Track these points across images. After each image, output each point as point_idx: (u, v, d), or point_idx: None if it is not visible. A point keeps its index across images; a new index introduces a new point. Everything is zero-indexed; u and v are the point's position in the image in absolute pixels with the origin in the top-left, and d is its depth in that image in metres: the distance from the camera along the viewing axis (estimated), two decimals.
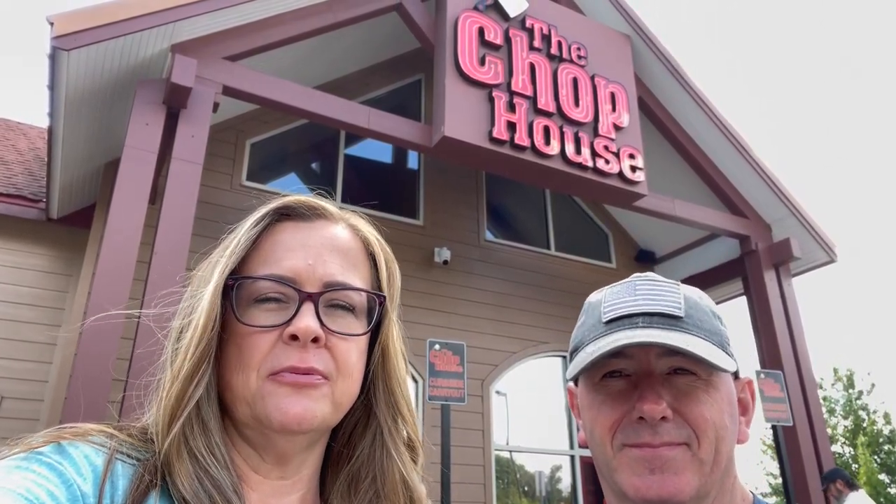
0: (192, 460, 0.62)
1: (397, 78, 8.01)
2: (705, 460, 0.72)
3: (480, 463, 6.72)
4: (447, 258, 7.24)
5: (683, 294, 0.79)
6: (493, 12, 6.35)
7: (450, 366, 4.98)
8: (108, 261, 4.21)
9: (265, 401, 0.64)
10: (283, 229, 0.71)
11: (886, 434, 20.67)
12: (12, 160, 7.71)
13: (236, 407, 0.66)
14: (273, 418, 0.64)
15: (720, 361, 0.72)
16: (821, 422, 6.87)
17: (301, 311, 0.65)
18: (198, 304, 0.67)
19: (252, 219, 0.71)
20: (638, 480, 0.71)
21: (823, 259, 7.86)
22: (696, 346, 0.72)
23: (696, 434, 0.72)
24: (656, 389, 0.73)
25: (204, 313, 0.65)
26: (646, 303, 0.77)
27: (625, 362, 0.75)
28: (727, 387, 0.76)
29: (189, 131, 4.80)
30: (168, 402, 0.63)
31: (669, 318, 0.75)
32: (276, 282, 0.67)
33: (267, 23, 5.39)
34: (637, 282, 0.81)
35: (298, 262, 0.68)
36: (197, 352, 0.64)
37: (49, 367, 6.32)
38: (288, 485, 0.70)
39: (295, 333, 0.64)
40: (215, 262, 0.69)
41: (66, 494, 0.53)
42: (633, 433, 0.73)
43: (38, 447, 0.57)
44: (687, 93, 7.44)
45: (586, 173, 6.25)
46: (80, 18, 4.52)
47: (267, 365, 0.65)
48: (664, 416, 0.71)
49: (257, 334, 0.65)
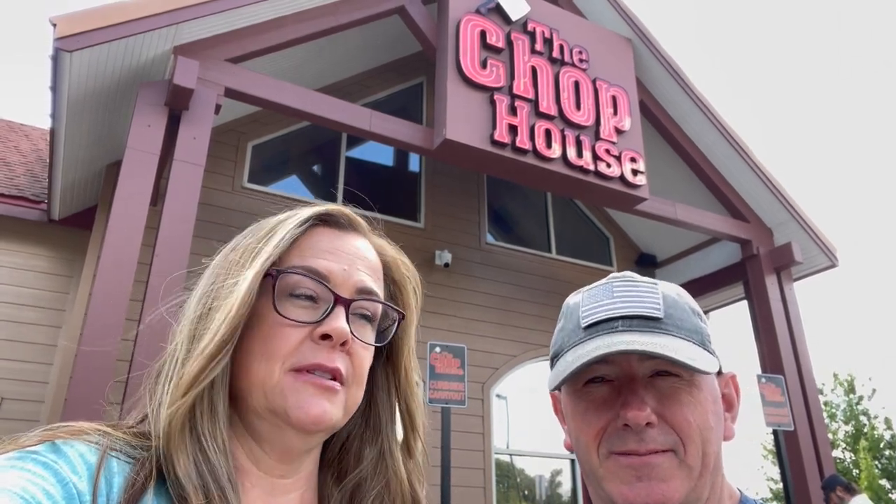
0: (192, 439, 0.62)
1: (399, 81, 8.02)
2: (693, 466, 0.71)
3: (481, 466, 6.71)
4: (448, 261, 7.24)
5: (662, 293, 0.78)
6: (494, 16, 6.36)
7: (450, 369, 4.97)
8: (110, 262, 4.21)
9: (285, 395, 0.65)
10: (320, 233, 0.73)
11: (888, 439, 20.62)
12: (14, 161, 7.72)
13: (251, 395, 0.67)
14: (292, 415, 0.65)
15: (703, 363, 0.71)
16: (822, 427, 6.86)
17: (335, 313, 0.67)
18: (232, 287, 0.67)
19: (297, 218, 0.72)
20: (626, 489, 0.71)
21: (825, 263, 7.85)
22: (679, 349, 0.71)
23: (681, 440, 0.71)
24: (639, 395, 0.72)
25: (241, 296, 0.65)
26: (624, 305, 0.76)
27: (606, 368, 0.75)
28: (710, 385, 0.76)
29: (191, 133, 4.81)
30: (184, 378, 0.63)
31: (649, 320, 0.75)
32: (315, 279, 0.69)
33: (269, 25, 5.40)
34: (614, 283, 0.80)
35: (335, 266, 0.70)
36: (226, 333, 0.64)
37: (49, 368, 6.32)
38: (288, 483, 0.70)
39: (329, 333, 0.66)
40: (253, 250, 0.69)
41: (62, 493, 0.53)
42: (619, 441, 0.72)
43: (33, 446, 0.56)
44: (688, 96, 7.44)
45: (588, 177, 6.25)
46: (83, 20, 4.53)
47: (293, 359, 0.66)
48: (649, 422, 0.71)
49: (289, 327, 0.66)
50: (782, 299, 7.37)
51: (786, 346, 7.06)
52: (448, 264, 7.26)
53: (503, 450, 7.05)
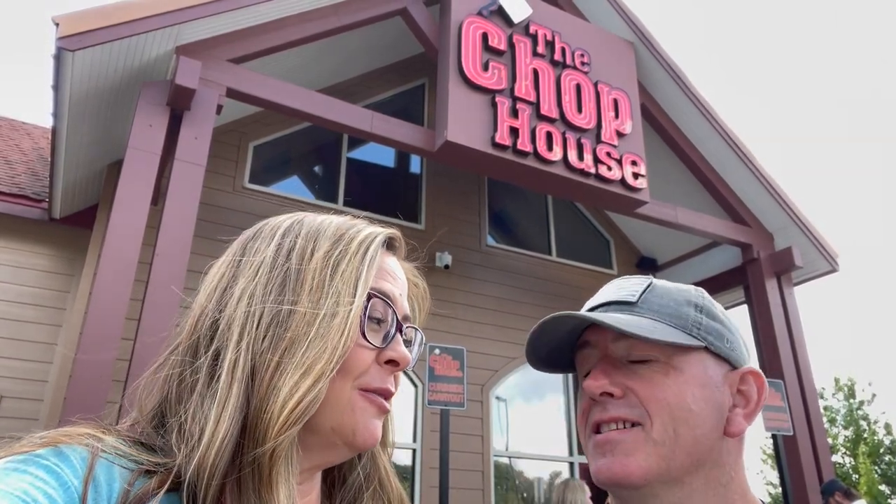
0: (284, 483, 0.60)
1: (401, 82, 8.02)
2: (659, 441, 0.69)
3: (479, 469, 6.71)
4: (448, 263, 7.24)
5: (652, 284, 0.79)
6: (496, 18, 6.36)
7: (449, 370, 4.97)
8: (110, 261, 4.21)
9: (355, 414, 0.65)
10: (384, 255, 0.74)
11: (887, 444, 20.61)
12: (16, 160, 7.73)
13: (317, 412, 0.64)
14: (359, 434, 0.66)
15: (660, 335, 0.70)
16: (821, 431, 6.85)
17: (397, 339, 0.69)
18: (335, 309, 0.65)
19: (379, 237, 0.72)
20: (594, 465, 0.72)
21: (825, 268, 7.85)
22: (634, 324, 0.71)
23: (648, 413, 0.70)
24: (602, 368, 0.73)
25: (355, 316, 0.65)
26: (607, 295, 0.80)
27: (592, 352, 0.77)
28: (697, 370, 0.72)
29: (192, 133, 4.82)
30: (290, 398, 0.60)
31: (622, 304, 0.77)
32: (387, 303, 0.69)
33: (272, 26, 5.41)
34: (614, 280, 0.83)
35: (396, 290, 0.72)
36: (340, 350, 0.63)
37: (49, 366, 6.32)
38: (304, 489, 0.70)
39: (398, 360, 0.68)
40: (352, 273, 0.67)
41: (64, 497, 0.53)
42: (591, 417, 0.74)
43: (36, 450, 0.56)
44: (690, 100, 7.44)
45: (588, 180, 6.25)
46: (86, 19, 4.54)
47: (362, 380, 0.67)
48: (607, 391, 0.71)
49: (364, 349, 0.67)
50: (782, 303, 7.37)
51: (786, 351, 7.05)
52: (448, 266, 7.26)
53: (502, 452, 7.04)
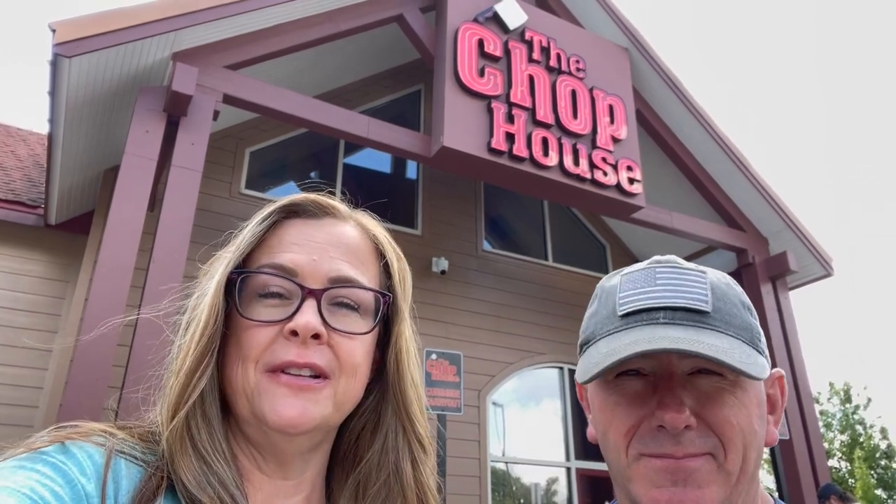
0: (195, 454, 0.62)
1: (397, 88, 8.05)
2: (731, 472, 0.65)
3: (476, 474, 6.69)
4: (445, 268, 7.25)
5: (710, 282, 0.70)
6: (492, 24, 6.39)
7: (446, 375, 4.97)
8: (106, 267, 4.21)
9: (261, 398, 0.64)
10: (290, 226, 0.70)
11: (883, 449, 20.64)
12: (11, 166, 7.72)
13: (237, 402, 0.66)
14: (268, 418, 0.63)
15: (754, 367, 0.64)
16: (817, 436, 6.87)
17: (303, 308, 0.65)
18: (202, 300, 0.67)
19: (260, 215, 0.70)
20: (657, 493, 0.65)
21: (820, 273, 7.88)
22: (728, 350, 0.64)
23: (721, 443, 0.65)
24: (678, 395, 0.65)
25: (207, 308, 0.65)
26: (668, 295, 0.68)
27: (642, 361, 0.67)
28: (756, 386, 0.68)
29: (189, 139, 4.82)
30: (171, 396, 0.64)
31: (695, 313, 0.67)
32: (278, 275, 0.66)
33: (268, 32, 5.43)
34: (658, 268, 0.71)
35: (301, 257, 0.67)
36: (199, 346, 0.64)
37: (45, 373, 6.30)
38: (291, 485, 0.69)
39: (294, 329, 0.64)
40: (219, 258, 0.70)
41: (70, 494, 0.53)
42: (653, 442, 0.66)
43: (42, 447, 0.57)
44: (685, 106, 7.48)
45: (584, 185, 6.27)
46: (83, 26, 4.55)
47: (265, 359, 0.64)
48: (687, 424, 0.64)
49: (258, 328, 0.65)
50: (778, 308, 7.40)
51: (781, 356, 7.07)
52: (445, 271, 7.26)
53: (499, 457, 7.04)
